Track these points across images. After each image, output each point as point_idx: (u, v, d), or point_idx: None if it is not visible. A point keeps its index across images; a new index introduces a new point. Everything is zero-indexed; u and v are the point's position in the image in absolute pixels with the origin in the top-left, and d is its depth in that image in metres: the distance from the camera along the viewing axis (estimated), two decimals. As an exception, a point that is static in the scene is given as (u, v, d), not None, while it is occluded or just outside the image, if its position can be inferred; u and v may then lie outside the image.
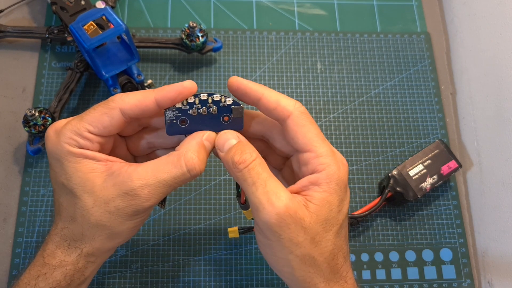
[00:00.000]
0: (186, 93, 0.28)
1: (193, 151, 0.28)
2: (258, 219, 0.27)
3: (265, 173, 0.27)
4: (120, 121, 0.28)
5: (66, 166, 0.27)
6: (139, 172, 0.27)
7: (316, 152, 0.28)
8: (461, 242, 0.46)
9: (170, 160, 0.27)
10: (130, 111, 0.27)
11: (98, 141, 0.28)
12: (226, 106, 0.29)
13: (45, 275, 0.28)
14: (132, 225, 0.29)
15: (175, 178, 0.27)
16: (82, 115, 0.28)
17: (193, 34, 0.47)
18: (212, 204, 0.46)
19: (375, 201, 0.45)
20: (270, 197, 0.26)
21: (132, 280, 0.42)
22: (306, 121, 0.28)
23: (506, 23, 0.45)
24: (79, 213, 0.28)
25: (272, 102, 0.28)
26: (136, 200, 0.27)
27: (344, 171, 0.28)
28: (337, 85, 0.52)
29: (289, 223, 0.26)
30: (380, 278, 0.44)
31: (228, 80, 0.29)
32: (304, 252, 0.27)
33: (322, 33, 0.54)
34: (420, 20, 0.56)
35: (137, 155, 0.33)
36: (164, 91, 0.28)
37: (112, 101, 0.27)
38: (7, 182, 0.45)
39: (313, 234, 0.27)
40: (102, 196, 0.27)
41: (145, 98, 0.28)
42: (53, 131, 0.28)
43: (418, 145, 0.50)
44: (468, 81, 0.51)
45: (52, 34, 0.48)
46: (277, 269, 0.29)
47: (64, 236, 0.29)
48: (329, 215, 0.27)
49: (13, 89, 0.48)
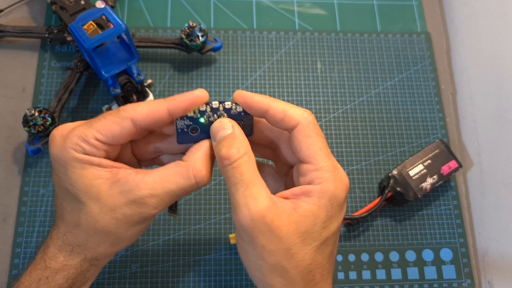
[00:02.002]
0: (199, 102, 0.28)
1: (202, 162, 0.28)
2: (234, 220, 0.27)
3: (249, 174, 0.26)
4: (131, 131, 0.27)
5: (70, 172, 0.27)
6: (147, 181, 0.27)
7: (316, 165, 0.27)
8: (461, 242, 0.46)
9: (178, 171, 0.27)
10: (142, 121, 0.27)
11: (104, 149, 0.28)
12: (237, 114, 0.29)
13: (47, 279, 0.28)
14: (137, 231, 0.29)
15: (182, 189, 0.27)
16: (91, 121, 0.27)
17: (193, 33, 0.47)
18: (212, 204, 0.45)
19: (375, 201, 0.45)
20: (248, 201, 0.25)
21: (132, 280, 0.42)
22: (313, 132, 0.28)
23: (507, 23, 0.45)
24: (84, 219, 0.27)
25: (279, 113, 0.28)
26: (144, 208, 0.27)
27: (341, 189, 0.28)
28: (337, 85, 0.51)
29: (263, 230, 0.25)
30: (380, 278, 0.44)
31: (233, 94, 0.29)
32: (276, 261, 0.26)
33: (322, 32, 0.54)
34: (420, 20, 0.56)
35: (141, 159, 0.32)
36: (177, 101, 0.27)
37: (123, 111, 0.27)
38: (6, 182, 0.45)
39: (289, 245, 0.26)
40: (108, 203, 0.27)
41: (157, 108, 0.27)
42: (59, 135, 0.28)
43: (418, 145, 0.50)
44: (468, 81, 0.51)
45: (51, 34, 0.48)
46: (250, 273, 0.29)
47: (67, 240, 0.28)
48: (311, 228, 0.27)
49: (12, 89, 0.48)
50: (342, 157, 0.48)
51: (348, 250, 0.45)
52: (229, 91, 0.50)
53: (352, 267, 0.45)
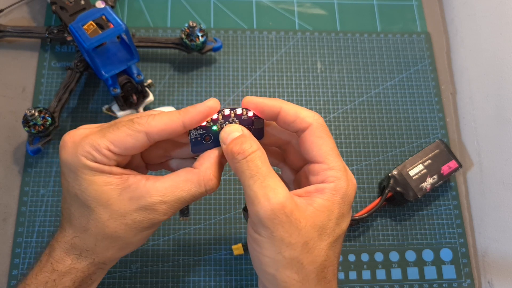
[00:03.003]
0: (212, 113, 0.28)
1: (212, 170, 0.28)
2: (252, 213, 0.27)
3: (264, 168, 0.27)
4: (144, 144, 0.27)
5: (80, 178, 0.27)
6: (157, 188, 0.27)
7: (329, 164, 0.28)
8: (461, 242, 0.46)
9: (189, 179, 0.28)
10: (157, 135, 0.27)
11: (115, 159, 0.28)
12: (248, 118, 0.29)
13: (54, 282, 0.28)
14: (145, 236, 0.29)
15: (193, 196, 0.28)
16: (105, 131, 0.27)
17: (193, 33, 0.47)
18: (212, 204, 0.45)
19: (375, 201, 0.45)
20: (267, 192, 0.26)
21: (132, 280, 0.42)
22: (324, 134, 0.28)
23: (507, 22, 0.45)
24: (93, 225, 0.28)
25: (291, 115, 0.28)
26: (154, 214, 0.27)
27: (352, 189, 0.28)
28: (337, 85, 0.51)
29: (283, 221, 0.26)
30: (380, 278, 0.44)
31: (242, 100, 0.29)
32: (293, 255, 0.26)
33: (322, 32, 0.54)
34: (420, 20, 0.56)
35: (150, 163, 0.32)
36: (191, 114, 0.28)
37: (138, 124, 0.27)
38: (6, 182, 0.45)
39: (307, 239, 0.26)
40: (118, 209, 0.27)
41: (172, 122, 0.27)
42: (71, 141, 0.27)
43: (418, 145, 0.50)
44: (469, 81, 0.51)
45: (51, 34, 0.48)
46: (261, 269, 0.28)
47: (74, 244, 0.29)
48: (326, 223, 0.27)
49: (12, 89, 0.48)
50: (342, 157, 0.48)
51: (348, 250, 0.45)
52: (229, 91, 0.50)
53: (352, 267, 0.45)
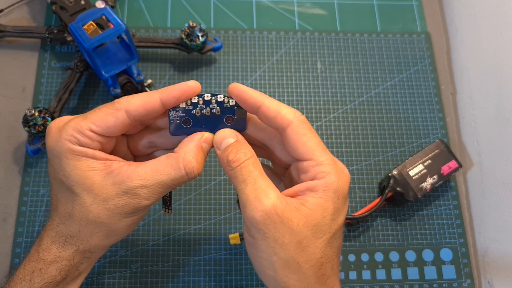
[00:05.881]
0: (190, 93, 0.28)
1: (192, 154, 0.28)
2: (244, 216, 0.27)
3: (256, 171, 0.27)
4: (125, 123, 0.28)
5: (65, 163, 0.27)
6: (138, 172, 0.27)
7: (316, 160, 0.28)
8: (461, 242, 0.46)
9: (169, 162, 0.28)
10: (136, 112, 0.28)
11: (99, 140, 0.28)
12: (230, 107, 0.29)
13: (40, 271, 0.29)
14: (130, 222, 0.29)
15: (173, 180, 0.28)
16: (86, 114, 0.28)
17: (193, 33, 0.47)
18: (212, 204, 0.45)
19: (375, 201, 0.45)
20: (258, 194, 0.26)
21: (132, 280, 0.42)
22: (306, 130, 0.28)
23: (507, 23, 0.45)
24: (77, 210, 0.28)
25: (272, 110, 0.28)
26: (136, 199, 0.27)
27: (344, 181, 0.28)
28: (337, 85, 0.51)
29: (275, 221, 0.26)
30: (380, 278, 0.44)
31: (228, 86, 0.29)
32: (288, 256, 0.26)
33: (322, 32, 0.54)
34: (420, 20, 0.56)
35: (137, 154, 0.33)
36: (169, 90, 0.28)
37: (117, 103, 0.28)
38: (6, 182, 0.45)
39: (300, 238, 0.26)
40: (101, 194, 0.27)
41: (150, 98, 0.28)
42: (55, 127, 0.28)
43: (418, 145, 0.50)
44: (469, 81, 0.51)
45: (51, 34, 0.48)
46: (261, 271, 0.29)
47: (60, 231, 0.29)
48: (321, 221, 0.27)
49: (12, 89, 0.48)
50: (342, 157, 0.48)
51: (348, 250, 0.45)
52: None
53: (352, 267, 0.45)
